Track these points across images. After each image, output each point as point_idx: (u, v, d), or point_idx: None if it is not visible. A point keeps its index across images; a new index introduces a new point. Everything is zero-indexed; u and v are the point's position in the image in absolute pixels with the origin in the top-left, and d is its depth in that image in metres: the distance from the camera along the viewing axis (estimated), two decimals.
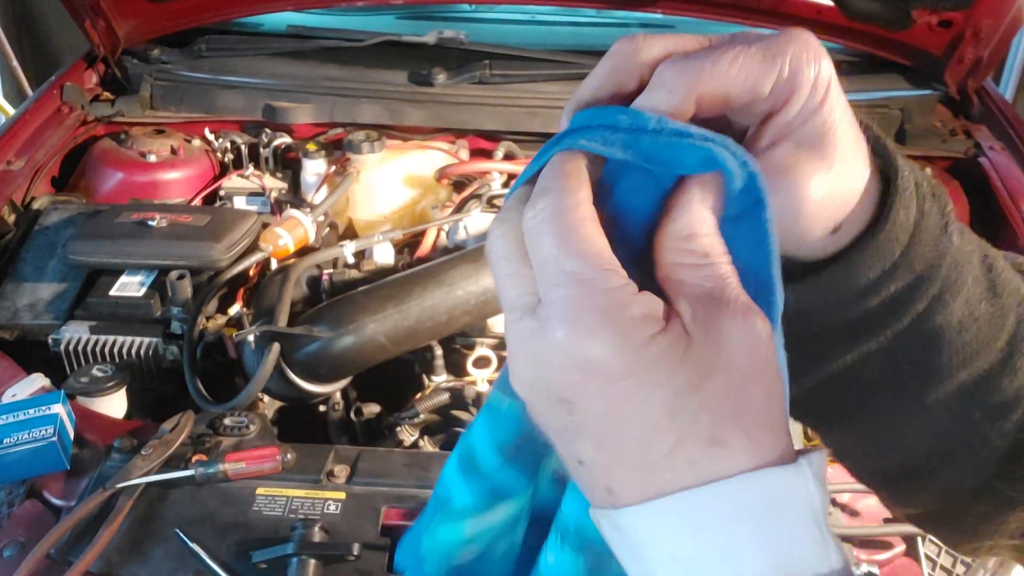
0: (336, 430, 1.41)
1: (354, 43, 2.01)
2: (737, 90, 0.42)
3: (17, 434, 1.11)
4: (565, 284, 0.37)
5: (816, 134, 0.44)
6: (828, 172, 0.44)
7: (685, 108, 0.42)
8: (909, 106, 1.96)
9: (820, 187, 0.44)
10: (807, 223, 0.46)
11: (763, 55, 0.42)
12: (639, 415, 0.37)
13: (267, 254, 1.52)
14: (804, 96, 0.43)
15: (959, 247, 0.48)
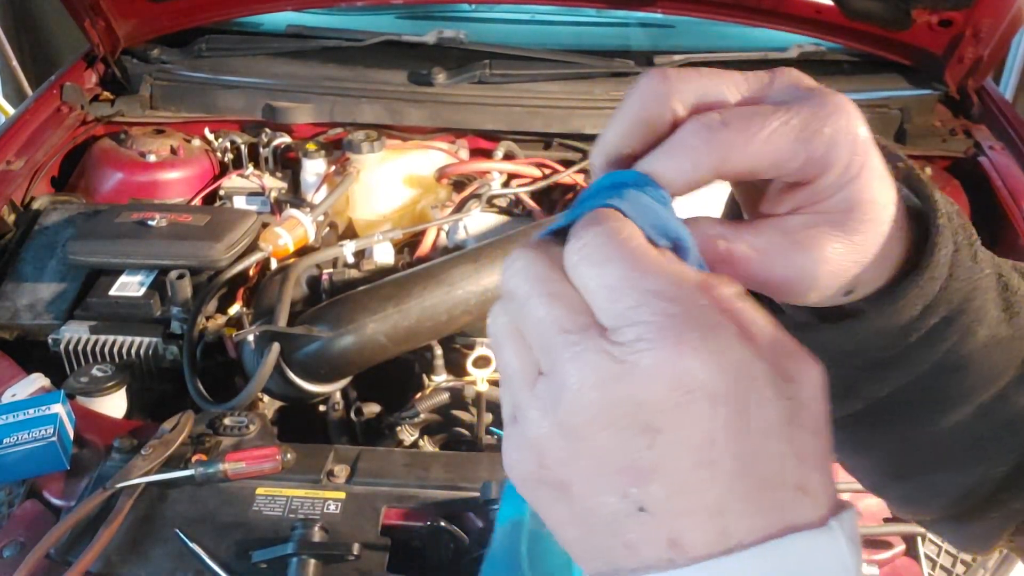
0: (336, 430, 1.41)
1: (354, 43, 2.01)
2: (765, 166, 0.41)
3: (17, 434, 1.11)
4: (654, 303, 0.34)
5: (840, 209, 0.43)
6: (848, 243, 0.43)
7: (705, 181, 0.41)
8: (909, 106, 1.96)
9: (835, 260, 0.43)
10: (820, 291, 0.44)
11: (799, 134, 0.40)
12: (734, 448, 0.33)
13: (267, 254, 1.52)
14: (836, 175, 0.41)
15: (986, 273, 0.48)
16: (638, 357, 0.33)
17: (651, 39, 2.18)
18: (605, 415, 0.34)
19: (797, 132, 0.40)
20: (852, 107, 0.42)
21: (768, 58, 2.02)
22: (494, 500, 1.02)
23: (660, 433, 0.33)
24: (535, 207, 1.73)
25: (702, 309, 0.34)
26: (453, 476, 1.12)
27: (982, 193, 1.82)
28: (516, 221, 1.69)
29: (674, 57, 1.98)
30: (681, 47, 2.04)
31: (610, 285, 0.35)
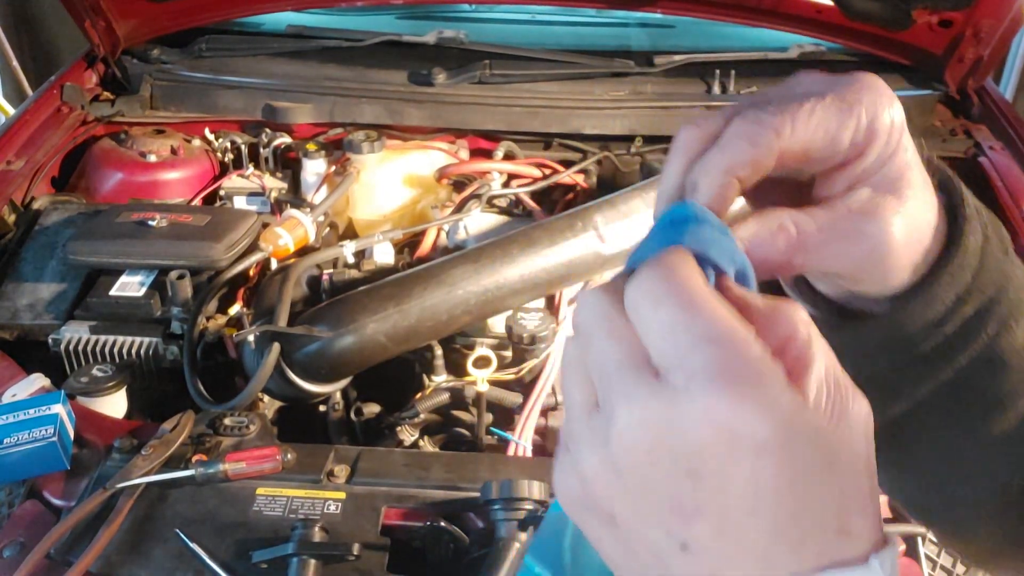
0: (336, 430, 1.41)
1: (354, 43, 2.01)
2: (818, 144, 0.43)
3: (17, 434, 1.11)
4: (706, 348, 0.35)
5: (892, 177, 0.45)
6: (906, 211, 0.45)
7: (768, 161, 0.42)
8: (909, 106, 1.94)
9: (901, 226, 0.45)
10: (894, 262, 0.46)
11: (839, 107, 0.42)
12: (779, 494, 0.34)
13: (267, 254, 1.52)
14: (882, 144, 0.44)
15: (1017, 265, 0.49)
16: (687, 403, 0.34)
17: (651, 39, 2.18)
18: (652, 456, 0.35)
19: (837, 106, 0.42)
20: (880, 81, 0.44)
21: (768, 58, 2.02)
22: (494, 500, 1.02)
23: (705, 478, 0.34)
24: (535, 207, 1.73)
25: (752, 357, 0.35)
26: (453, 476, 1.12)
27: (982, 193, 1.82)
28: (516, 221, 1.69)
29: (674, 57, 1.98)
30: (681, 47, 2.04)
31: (665, 326, 0.36)
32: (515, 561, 0.98)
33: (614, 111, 1.92)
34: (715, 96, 1.94)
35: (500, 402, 1.30)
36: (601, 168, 1.92)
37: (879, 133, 0.43)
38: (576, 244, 1.37)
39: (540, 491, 1.02)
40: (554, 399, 1.31)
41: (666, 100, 1.94)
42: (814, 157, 0.43)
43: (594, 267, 1.40)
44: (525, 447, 1.26)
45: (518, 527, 1.00)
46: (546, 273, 1.35)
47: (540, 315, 1.32)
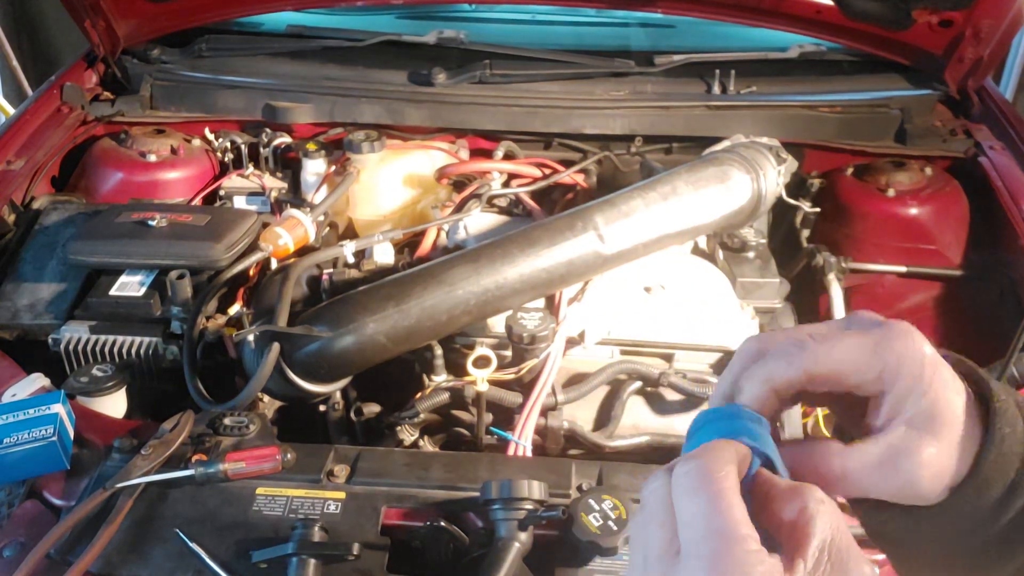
0: (336, 430, 1.41)
1: (354, 43, 2.01)
2: (847, 372, 0.52)
3: (17, 434, 1.11)
4: (711, 540, 0.45)
5: (927, 415, 0.52)
6: (940, 447, 0.52)
7: (800, 380, 0.53)
8: (909, 106, 1.96)
9: (933, 463, 0.52)
10: (927, 489, 0.53)
11: (872, 350, 0.52)
12: None
13: (267, 254, 1.52)
14: (912, 381, 0.52)
15: None
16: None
17: (651, 39, 2.19)
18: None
19: (872, 346, 0.52)
20: (916, 331, 0.53)
21: (768, 58, 2.02)
22: (494, 500, 1.02)
23: None
24: (535, 207, 1.73)
25: (748, 554, 0.44)
26: (453, 476, 1.12)
27: (982, 193, 1.82)
28: (516, 221, 1.69)
29: (674, 57, 1.98)
30: (681, 47, 2.04)
31: (688, 515, 0.47)
32: (515, 561, 0.99)
33: (614, 111, 1.92)
34: (715, 96, 1.94)
35: (500, 402, 1.30)
36: (601, 168, 1.92)
37: (909, 372, 0.52)
38: (576, 244, 1.37)
39: (540, 491, 1.02)
40: (554, 399, 1.31)
41: (666, 100, 1.94)
42: (844, 383, 0.53)
43: (594, 267, 1.40)
44: (525, 447, 1.26)
45: (518, 527, 1.00)
46: (546, 273, 1.35)
47: (540, 315, 1.31)
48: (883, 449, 0.53)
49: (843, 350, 0.53)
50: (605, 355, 1.41)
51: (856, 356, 0.53)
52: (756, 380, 0.55)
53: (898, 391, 0.52)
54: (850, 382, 0.53)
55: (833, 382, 0.53)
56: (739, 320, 1.46)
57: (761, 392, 0.54)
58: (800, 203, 1.81)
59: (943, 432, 0.52)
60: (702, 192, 1.49)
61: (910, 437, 0.52)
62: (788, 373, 0.53)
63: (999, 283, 1.73)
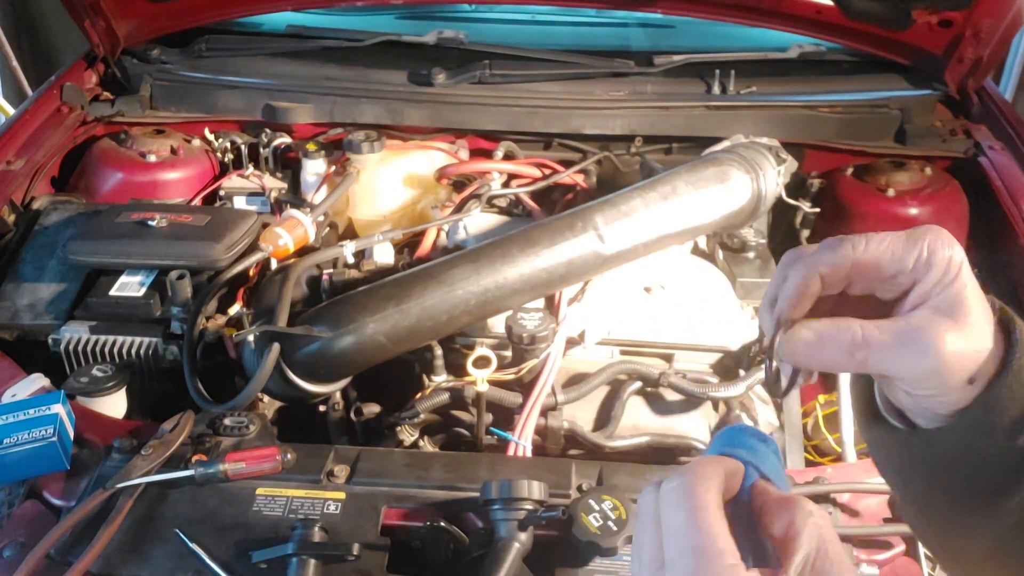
0: (336, 430, 1.41)
1: (354, 43, 2.01)
2: (886, 260, 0.56)
3: (17, 434, 1.11)
4: (690, 555, 0.48)
5: (950, 303, 0.55)
6: (960, 332, 0.54)
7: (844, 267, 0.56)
8: (909, 106, 1.96)
9: (953, 344, 0.54)
10: (946, 374, 0.54)
11: (907, 239, 0.56)
12: None
13: (267, 254, 1.52)
14: (940, 271, 0.55)
15: None
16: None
17: (651, 39, 2.19)
18: None
19: (906, 237, 0.56)
20: (946, 232, 0.57)
21: (768, 58, 2.02)
22: (494, 500, 1.02)
23: None
24: (535, 207, 1.73)
25: (723, 568, 0.47)
26: (453, 476, 1.12)
27: (982, 193, 1.82)
28: (516, 221, 1.69)
29: (674, 57, 1.98)
30: (681, 47, 2.04)
31: (670, 529, 0.50)
32: (515, 561, 0.99)
33: (614, 111, 1.92)
34: (715, 96, 1.94)
35: (500, 402, 1.30)
36: (601, 168, 1.92)
37: (938, 263, 0.55)
38: (576, 244, 1.37)
39: (540, 491, 1.02)
40: (553, 399, 1.31)
41: (666, 100, 1.94)
42: (883, 273, 0.56)
43: (594, 267, 1.40)
44: (525, 447, 1.26)
45: (518, 527, 1.00)
46: (546, 273, 1.35)
47: (540, 315, 1.31)
48: (906, 324, 0.55)
49: (879, 239, 0.56)
50: (605, 355, 1.41)
51: (892, 244, 0.56)
52: (802, 266, 0.58)
53: (928, 280, 0.55)
54: (887, 272, 0.56)
55: (872, 271, 0.56)
56: (739, 320, 1.46)
57: (806, 275, 0.57)
58: (800, 203, 1.81)
59: (966, 321, 0.54)
60: (702, 192, 1.49)
61: (933, 319, 0.55)
62: (834, 259, 0.56)
63: (999, 283, 1.73)
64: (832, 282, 0.58)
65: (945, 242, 0.56)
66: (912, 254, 0.55)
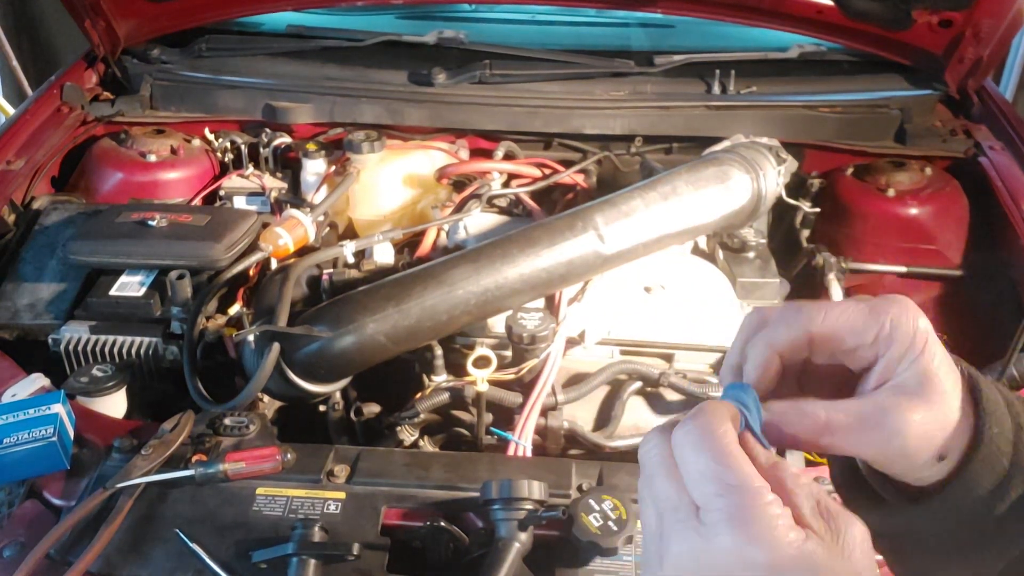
0: (336, 430, 1.41)
1: (354, 43, 2.01)
2: (845, 333, 0.54)
3: (17, 434, 1.11)
4: (728, 495, 0.47)
5: (918, 379, 0.53)
6: (928, 411, 0.53)
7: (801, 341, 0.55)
8: (909, 106, 1.96)
9: (920, 424, 0.53)
10: (913, 455, 0.54)
11: (869, 312, 0.54)
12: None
13: (267, 254, 1.52)
14: (905, 346, 0.53)
15: None
16: (718, 538, 0.47)
17: (651, 39, 2.19)
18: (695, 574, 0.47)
19: (868, 309, 0.54)
20: (911, 303, 0.55)
21: (768, 58, 2.02)
22: (494, 500, 1.02)
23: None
24: (535, 207, 1.73)
25: (765, 505, 0.46)
26: (453, 476, 1.12)
27: (982, 193, 1.82)
28: (516, 221, 1.69)
29: (674, 57, 1.98)
30: (681, 47, 2.04)
31: (700, 473, 0.48)
32: (515, 561, 0.99)
33: (614, 111, 1.92)
34: (715, 96, 1.94)
35: (500, 402, 1.30)
36: (601, 168, 1.92)
37: (901, 337, 0.53)
38: (576, 244, 1.37)
39: (540, 491, 1.02)
40: (553, 399, 1.31)
41: (666, 100, 1.94)
42: (843, 346, 0.55)
43: (594, 267, 1.40)
44: (525, 447, 1.26)
45: (518, 527, 1.00)
46: (546, 273, 1.35)
47: (540, 315, 1.31)
48: (870, 405, 0.54)
49: (840, 310, 0.54)
50: (605, 355, 1.41)
51: (853, 316, 0.54)
52: (760, 344, 0.56)
53: (891, 355, 0.54)
54: (847, 345, 0.55)
55: (832, 344, 0.55)
56: (739, 320, 1.46)
57: (766, 355, 0.56)
58: (800, 203, 1.81)
59: (933, 399, 0.53)
60: (702, 192, 1.49)
61: (899, 399, 0.53)
62: (790, 334, 0.55)
63: (999, 283, 1.73)
64: (792, 356, 0.57)
65: (910, 314, 0.54)
66: (873, 328, 0.54)
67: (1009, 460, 0.54)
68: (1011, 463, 0.54)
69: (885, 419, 0.53)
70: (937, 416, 0.53)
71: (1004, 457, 0.54)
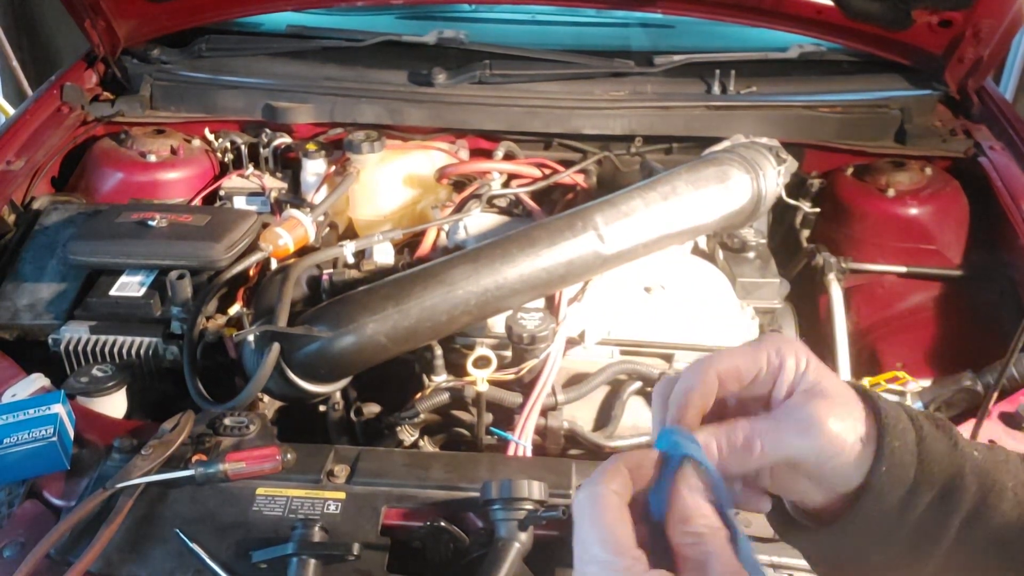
0: (336, 430, 1.41)
1: (354, 43, 2.01)
2: (742, 367, 0.62)
3: (17, 434, 1.11)
4: (591, 563, 0.52)
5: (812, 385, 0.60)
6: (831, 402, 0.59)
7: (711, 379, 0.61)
8: (909, 106, 1.96)
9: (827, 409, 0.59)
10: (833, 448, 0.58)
11: (755, 345, 0.63)
12: None
13: (267, 254, 1.52)
14: (793, 364, 0.61)
15: (985, 458, 0.61)
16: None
17: (651, 39, 2.19)
18: None
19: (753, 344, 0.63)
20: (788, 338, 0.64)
21: (768, 58, 2.02)
22: (494, 500, 1.02)
23: None
24: (535, 207, 1.73)
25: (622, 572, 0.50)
26: (453, 476, 1.12)
27: (982, 193, 1.82)
28: (516, 221, 1.69)
29: (674, 57, 1.98)
30: (681, 47, 2.04)
31: (580, 538, 0.53)
32: (515, 561, 0.99)
33: (614, 111, 1.92)
34: (715, 96, 1.94)
35: (500, 402, 1.30)
36: (601, 168, 1.92)
37: (786, 359, 0.61)
38: (576, 244, 1.37)
39: (540, 491, 1.02)
40: (553, 399, 1.31)
41: (666, 100, 1.94)
42: (744, 377, 0.62)
43: (594, 267, 1.40)
44: (525, 447, 1.26)
45: (518, 527, 1.00)
46: (546, 273, 1.35)
47: (540, 315, 1.31)
48: (783, 407, 0.61)
49: (733, 351, 0.62)
50: (605, 355, 1.41)
51: (743, 352, 0.62)
52: (677, 395, 0.62)
53: (786, 373, 0.61)
54: (746, 377, 0.62)
55: (734, 379, 0.62)
56: (739, 320, 1.46)
57: (683, 402, 0.61)
58: (800, 203, 1.81)
59: (831, 394, 0.60)
60: (702, 192, 1.49)
61: (805, 397, 0.60)
62: (697, 378, 0.61)
63: (999, 283, 1.73)
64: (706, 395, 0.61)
65: (791, 344, 0.62)
66: (760, 357, 0.61)
67: (914, 471, 0.59)
68: (915, 474, 0.59)
69: (799, 413, 0.59)
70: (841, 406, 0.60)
71: (908, 468, 0.59)
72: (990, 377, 1.40)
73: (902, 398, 1.46)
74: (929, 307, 1.75)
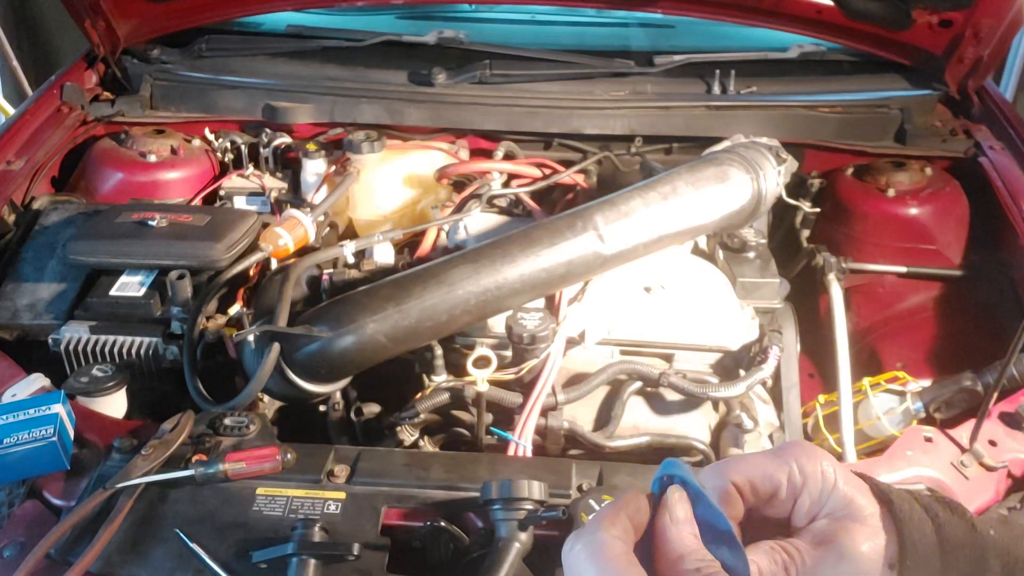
0: (336, 430, 1.41)
1: (354, 43, 2.02)
2: (758, 479, 0.58)
3: (17, 434, 1.11)
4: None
5: (842, 505, 0.58)
6: (864, 527, 0.57)
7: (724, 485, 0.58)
8: (909, 106, 1.96)
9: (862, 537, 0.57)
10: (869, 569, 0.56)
11: (775, 454, 0.59)
12: None
13: (267, 254, 1.52)
14: (817, 483, 0.58)
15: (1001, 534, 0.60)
16: None
17: (651, 39, 2.19)
18: None
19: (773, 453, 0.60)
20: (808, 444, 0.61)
21: (768, 58, 2.02)
22: (494, 500, 1.02)
23: None
24: (535, 207, 1.73)
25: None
26: (453, 476, 1.12)
27: (982, 193, 1.82)
28: (516, 221, 1.69)
29: (674, 57, 1.98)
30: (681, 47, 2.04)
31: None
32: (515, 561, 0.99)
33: (614, 111, 1.92)
34: (715, 96, 1.94)
35: (500, 402, 1.30)
36: (601, 168, 1.92)
37: (811, 475, 0.58)
38: (576, 244, 1.37)
39: (540, 491, 1.02)
40: (553, 399, 1.31)
41: (666, 100, 1.94)
42: (760, 491, 0.59)
43: (594, 267, 1.40)
44: (525, 447, 1.26)
45: (518, 527, 1.00)
46: (546, 273, 1.35)
47: (540, 315, 1.31)
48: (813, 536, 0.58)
49: (752, 458, 0.60)
50: (605, 355, 1.41)
51: (763, 462, 0.59)
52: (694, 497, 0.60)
53: (810, 491, 0.58)
54: (766, 489, 0.59)
55: (752, 490, 0.59)
56: (739, 320, 1.46)
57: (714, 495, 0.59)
58: (800, 203, 1.81)
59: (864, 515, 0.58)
60: (702, 192, 1.48)
61: (837, 523, 0.58)
62: (714, 481, 0.59)
63: (999, 283, 1.73)
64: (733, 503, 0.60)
65: (813, 455, 0.59)
66: (782, 470, 0.58)
67: (939, 560, 0.57)
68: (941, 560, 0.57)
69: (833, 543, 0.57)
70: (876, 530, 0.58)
71: (935, 559, 0.58)
72: (990, 377, 1.40)
73: (902, 398, 1.47)
74: (929, 307, 1.75)
